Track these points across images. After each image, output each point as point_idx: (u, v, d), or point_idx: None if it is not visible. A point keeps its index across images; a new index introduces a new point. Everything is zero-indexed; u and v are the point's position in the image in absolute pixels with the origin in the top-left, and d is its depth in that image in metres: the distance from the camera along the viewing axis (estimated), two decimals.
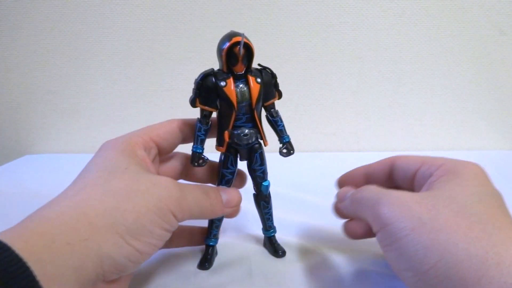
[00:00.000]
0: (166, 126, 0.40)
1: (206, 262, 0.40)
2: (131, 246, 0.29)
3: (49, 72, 0.79)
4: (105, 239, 0.27)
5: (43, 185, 0.65)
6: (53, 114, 0.82)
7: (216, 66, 0.38)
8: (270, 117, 0.40)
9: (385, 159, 0.39)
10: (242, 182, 0.43)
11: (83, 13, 0.75)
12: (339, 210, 0.39)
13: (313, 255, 0.42)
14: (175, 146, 0.40)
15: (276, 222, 0.43)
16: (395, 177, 0.38)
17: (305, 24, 0.75)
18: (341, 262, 0.40)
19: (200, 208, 0.34)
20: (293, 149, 0.40)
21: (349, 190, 0.37)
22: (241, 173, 0.42)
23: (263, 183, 0.41)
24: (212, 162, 0.41)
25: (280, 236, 0.43)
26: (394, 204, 0.28)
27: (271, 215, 0.42)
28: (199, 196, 0.34)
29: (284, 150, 0.40)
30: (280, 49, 0.76)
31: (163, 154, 0.39)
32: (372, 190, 0.32)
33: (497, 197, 0.30)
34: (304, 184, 0.62)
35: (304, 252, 0.42)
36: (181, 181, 0.40)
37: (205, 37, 0.75)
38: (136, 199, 0.30)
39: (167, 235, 0.32)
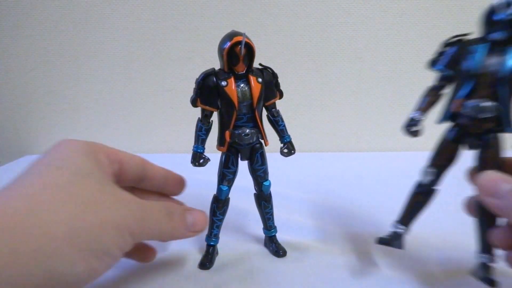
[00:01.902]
0: (131, 155, 0.36)
1: (207, 262, 0.40)
2: (86, 263, 0.25)
3: (49, 72, 0.79)
4: (59, 252, 0.24)
5: None
6: (53, 114, 0.82)
7: (216, 66, 0.38)
8: (271, 117, 0.40)
9: None
10: (180, 188, 0.40)
11: (83, 13, 0.75)
12: (478, 207, 0.32)
13: (313, 255, 0.42)
14: (135, 178, 0.36)
15: (277, 222, 0.43)
16: None
17: (305, 24, 0.75)
18: (341, 262, 0.40)
19: (160, 231, 0.32)
20: (294, 149, 0.40)
21: (500, 181, 0.28)
22: (179, 178, 0.40)
23: (264, 183, 0.41)
24: (176, 177, 0.39)
25: (281, 236, 0.43)
26: None
27: (272, 214, 0.42)
28: (161, 218, 0.32)
29: (285, 150, 0.40)
30: (280, 49, 0.76)
31: (122, 178, 0.35)
32: None
33: None
34: (304, 183, 0.62)
35: (305, 252, 0.42)
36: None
37: (205, 37, 0.75)
38: (99, 212, 0.27)
39: (120, 256, 0.29)
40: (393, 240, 0.35)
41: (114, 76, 0.79)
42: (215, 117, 0.38)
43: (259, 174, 0.40)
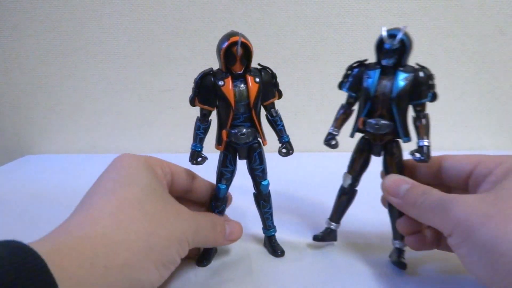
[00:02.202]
0: (181, 168, 0.40)
1: (204, 259, 0.40)
2: (159, 272, 0.30)
3: (49, 72, 0.79)
4: (140, 265, 0.28)
5: (43, 185, 0.65)
6: (53, 114, 0.82)
7: (216, 66, 0.38)
8: (269, 117, 0.40)
9: (432, 158, 0.38)
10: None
11: (83, 13, 0.75)
12: (388, 202, 0.39)
13: (313, 255, 0.42)
14: (183, 189, 0.40)
15: (277, 222, 0.43)
16: (444, 176, 0.38)
17: (305, 24, 0.75)
18: (341, 261, 0.40)
19: (207, 239, 0.37)
20: (292, 149, 0.40)
21: (400, 183, 0.35)
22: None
23: (263, 182, 0.41)
24: (212, 184, 0.41)
25: (281, 236, 0.43)
26: (462, 206, 0.30)
27: (271, 214, 0.42)
28: (209, 228, 0.36)
29: (283, 150, 0.40)
30: (280, 49, 0.76)
31: (172, 189, 0.39)
32: (437, 197, 0.32)
33: None
34: (305, 183, 0.62)
35: (304, 252, 0.42)
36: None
37: (205, 37, 0.75)
38: (166, 228, 0.31)
39: (180, 261, 0.33)
40: (326, 236, 0.42)
41: (114, 76, 0.79)
42: (214, 116, 0.38)
43: (257, 174, 0.40)
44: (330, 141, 0.40)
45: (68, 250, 0.25)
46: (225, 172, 0.39)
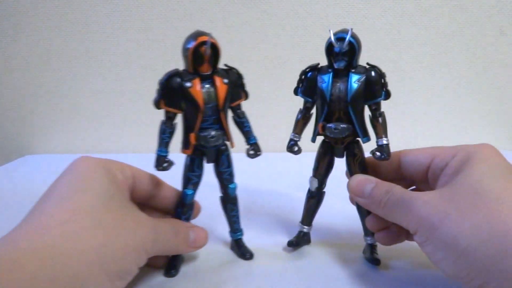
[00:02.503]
0: (144, 172, 0.38)
1: (172, 269, 0.38)
2: (112, 283, 0.28)
3: (49, 72, 0.79)
4: (91, 277, 0.26)
5: (43, 185, 0.64)
6: (53, 114, 0.82)
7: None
8: (236, 118, 0.39)
9: (392, 155, 0.39)
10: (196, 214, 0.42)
11: (84, 13, 0.75)
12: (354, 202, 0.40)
13: (312, 255, 0.42)
14: (146, 195, 0.38)
15: (277, 221, 0.43)
16: (404, 171, 0.38)
17: (305, 24, 0.75)
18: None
19: (168, 247, 0.35)
20: (260, 150, 0.40)
21: (365, 183, 0.35)
22: (196, 206, 0.41)
23: (230, 186, 0.40)
24: (179, 192, 0.39)
25: (282, 236, 0.43)
26: (421, 205, 0.30)
27: (238, 217, 0.41)
28: (169, 236, 0.35)
29: (251, 152, 0.40)
30: (280, 49, 0.76)
31: (134, 194, 0.37)
32: (399, 195, 0.32)
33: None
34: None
35: (304, 251, 0.42)
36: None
37: None
38: (122, 237, 0.30)
39: (137, 271, 0.32)
40: (300, 240, 0.42)
41: (114, 76, 0.79)
42: (179, 119, 0.37)
43: (225, 177, 0.39)
44: (293, 147, 0.40)
45: (9, 263, 0.24)
46: (192, 176, 0.38)
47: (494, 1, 0.73)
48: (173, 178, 0.39)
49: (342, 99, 0.36)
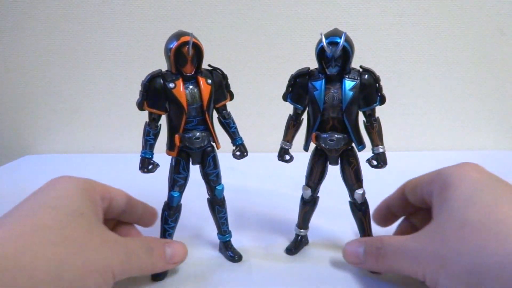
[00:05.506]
0: (119, 191, 0.38)
1: (159, 273, 0.37)
2: None
3: (49, 72, 0.79)
4: None
5: None
6: (53, 114, 0.82)
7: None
8: (222, 119, 0.39)
9: (398, 188, 0.39)
10: (154, 219, 0.41)
11: (84, 13, 0.75)
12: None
13: (311, 255, 0.42)
14: (120, 212, 0.38)
15: (277, 222, 0.43)
16: (411, 202, 0.38)
17: (305, 24, 0.75)
18: (340, 261, 0.40)
19: (141, 267, 0.33)
20: (246, 151, 0.40)
21: (356, 247, 0.36)
22: (153, 211, 0.40)
23: (217, 187, 0.39)
24: (151, 210, 0.39)
25: (282, 236, 0.43)
26: (405, 257, 0.32)
27: (226, 219, 0.41)
28: (142, 256, 0.33)
29: (238, 153, 0.40)
30: (280, 49, 0.76)
31: (109, 213, 0.36)
32: (391, 249, 0.33)
33: (496, 190, 0.30)
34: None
35: (304, 251, 0.42)
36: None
37: (205, 37, 0.75)
38: (85, 255, 0.28)
39: None
40: (299, 244, 0.42)
41: (114, 76, 0.79)
42: (163, 121, 0.37)
43: (212, 178, 0.39)
44: (284, 156, 0.40)
45: None
46: (178, 179, 0.37)
47: (494, 1, 0.73)
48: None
49: (336, 108, 0.35)
